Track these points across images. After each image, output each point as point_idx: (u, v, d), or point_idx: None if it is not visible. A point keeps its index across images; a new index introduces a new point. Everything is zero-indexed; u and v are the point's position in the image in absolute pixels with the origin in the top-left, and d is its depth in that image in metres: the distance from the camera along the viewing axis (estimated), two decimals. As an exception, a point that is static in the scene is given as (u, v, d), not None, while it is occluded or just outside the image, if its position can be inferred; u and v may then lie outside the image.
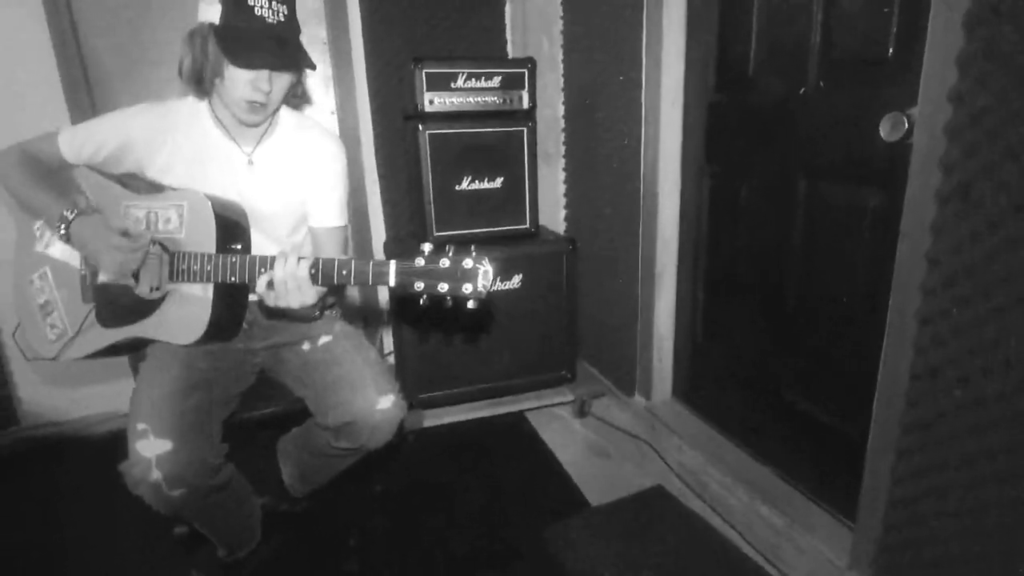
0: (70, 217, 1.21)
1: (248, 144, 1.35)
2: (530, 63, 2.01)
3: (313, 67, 1.23)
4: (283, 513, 1.59)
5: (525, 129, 2.05)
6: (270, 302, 1.13)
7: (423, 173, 1.99)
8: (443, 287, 1.06)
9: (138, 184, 1.36)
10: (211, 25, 1.15)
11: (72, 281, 1.33)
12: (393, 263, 1.09)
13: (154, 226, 1.29)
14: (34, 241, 1.36)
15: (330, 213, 1.43)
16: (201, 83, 1.22)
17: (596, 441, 2.19)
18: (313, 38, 2.34)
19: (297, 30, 1.21)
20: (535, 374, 2.26)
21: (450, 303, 1.11)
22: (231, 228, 1.30)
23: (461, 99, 1.97)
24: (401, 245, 2.26)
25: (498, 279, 2.10)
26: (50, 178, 1.28)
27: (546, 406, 2.33)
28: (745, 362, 1.84)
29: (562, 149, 2.54)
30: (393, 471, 1.97)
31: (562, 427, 2.30)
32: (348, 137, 2.43)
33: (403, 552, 1.62)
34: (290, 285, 1.11)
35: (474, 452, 2.12)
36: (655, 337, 2.11)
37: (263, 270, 1.15)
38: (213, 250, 1.24)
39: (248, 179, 1.36)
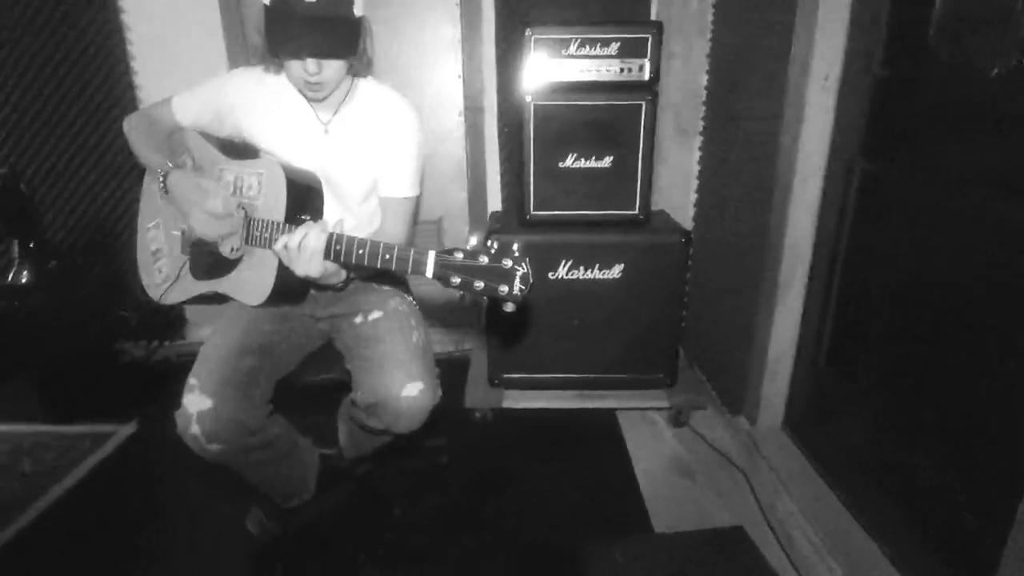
0: (168, 167, 1.34)
1: (325, 112, 1.37)
2: (655, 28, 1.76)
3: (353, 52, 1.20)
4: (344, 471, 1.67)
5: (644, 103, 1.82)
6: (284, 263, 1.18)
7: (525, 147, 1.87)
8: (479, 285, 1.02)
9: (234, 148, 1.45)
10: (264, 6, 1.16)
11: (176, 233, 1.48)
12: (432, 254, 1.06)
13: (240, 191, 1.37)
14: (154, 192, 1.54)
15: (400, 183, 1.41)
16: (266, 61, 1.25)
17: (684, 458, 1.97)
18: (447, 3, 2.31)
19: (335, 3, 1.15)
20: (630, 372, 2.08)
21: (486, 302, 1.05)
22: (301, 197, 1.33)
23: (572, 68, 1.79)
24: (504, 219, 2.19)
25: (597, 267, 1.94)
26: (164, 138, 1.41)
27: (639, 408, 2.15)
28: (873, 406, 1.48)
29: (700, 126, 2.23)
30: (462, 447, 1.97)
31: (652, 434, 2.10)
32: (471, 104, 2.39)
33: (443, 530, 1.62)
34: (303, 255, 1.14)
35: (547, 443, 2.03)
36: (770, 355, 1.80)
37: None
38: (282, 218, 1.29)
39: (324, 146, 1.38)
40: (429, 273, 1.07)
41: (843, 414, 1.61)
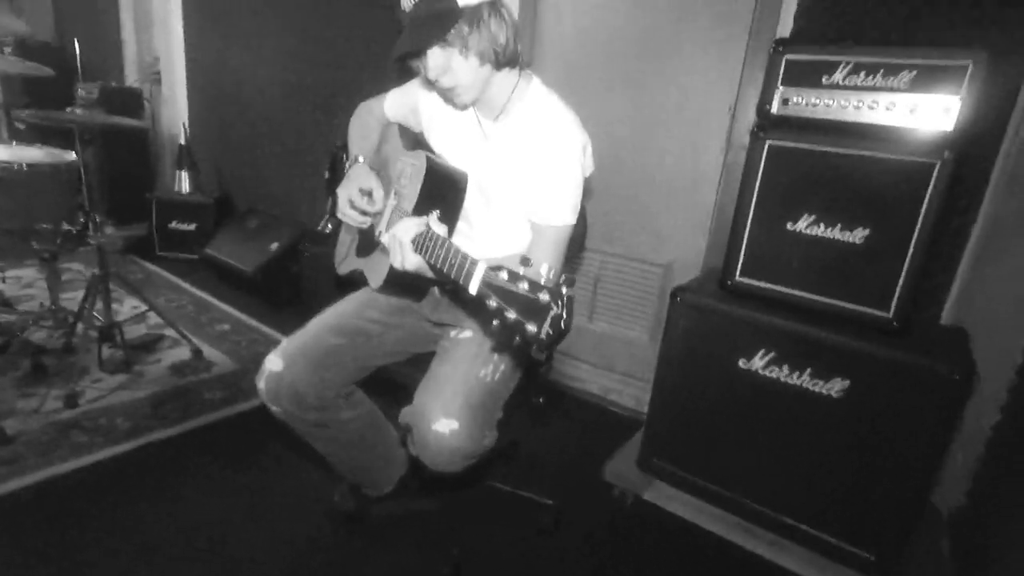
0: (357, 160, 1.47)
1: (488, 119, 1.31)
2: (982, 55, 1.15)
3: (439, 37, 1.09)
4: (432, 483, 1.59)
5: (938, 164, 1.23)
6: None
7: (745, 194, 1.48)
8: (510, 316, 0.88)
9: (415, 142, 1.52)
10: None
11: None
12: (482, 266, 0.94)
13: (399, 178, 1.43)
14: None
15: (553, 209, 1.25)
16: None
17: None
18: (736, 24, 1.99)
19: (430, 1, 1.08)
20: (825, 531, 1.47)
21: (518, 341, 0.89)
22: (438, 192, 1.31)
23: (834, 102, 1.32)
24: (707, 277, 1.77)
25: (808, 373, 1.42)
26: (374, 128, 1.56)
27: (829, 586, 1.50)
28: None
29: (1074, 217, 1.42)
30: (576, 520, 1.68)
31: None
32: (735, 142, 2.02)
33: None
34: (394, 245, 1.13)
35: (681, 571, 1.58)
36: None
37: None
38: (411, 208, 1.29)
39: (481, 152, 1.33)
40: (473, 287, 0.94)
41: None
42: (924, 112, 1.23)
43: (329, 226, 2.87)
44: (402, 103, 1.49)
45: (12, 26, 2.17)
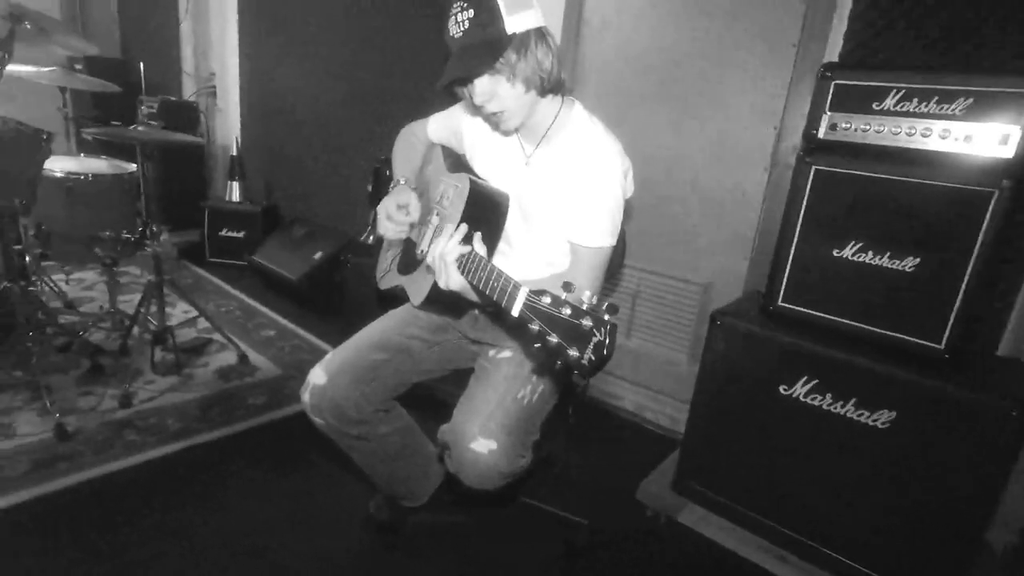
0: (399, 183, 1.51)
1: (531, 144, 1.33)
2: None
3: (487, 66, 1.11)
4: (466, 498, 1.60)
5: (996, 193, 1.19)
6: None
7: (789, 219, 1.45)
8: (552, 340, 0.91)
9: (457, 163, 1.55)
10: None
11: None
12: (524, 291, 0.97)
13: (441, 199, 1.46)
14: None
15: (592, 231, 1.26)
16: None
17: None
18: (782, 43, 1.96)
19: (479, 29, 1.09)
20: (869, 567, 1.43)
21: (559, 365, 0.92)
22: (480, 212, 1.33)
23: (884, 127, 1.29)
24: (748, 301, 1.74)
25: (853, 403, 1.38)
26: (418, 150, 1.59)
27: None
28: None
29: None
30: (608, 539, 1.68)
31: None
32: (779, 161, 2.00)
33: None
34: (438, 264, 1.13)
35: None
36: None
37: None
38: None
39: (524, 177, 1.34)
40: (515, 310, 0.97)
41: None
42: (981, 140, 1.19)
43: (372, 237, 2.95)
44: (445, 126, 1.52)
45: (80, 47, 2.30)
